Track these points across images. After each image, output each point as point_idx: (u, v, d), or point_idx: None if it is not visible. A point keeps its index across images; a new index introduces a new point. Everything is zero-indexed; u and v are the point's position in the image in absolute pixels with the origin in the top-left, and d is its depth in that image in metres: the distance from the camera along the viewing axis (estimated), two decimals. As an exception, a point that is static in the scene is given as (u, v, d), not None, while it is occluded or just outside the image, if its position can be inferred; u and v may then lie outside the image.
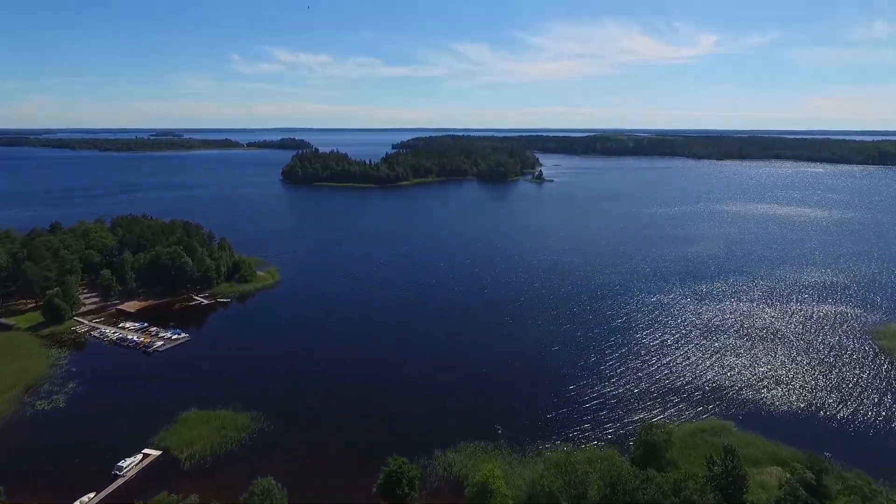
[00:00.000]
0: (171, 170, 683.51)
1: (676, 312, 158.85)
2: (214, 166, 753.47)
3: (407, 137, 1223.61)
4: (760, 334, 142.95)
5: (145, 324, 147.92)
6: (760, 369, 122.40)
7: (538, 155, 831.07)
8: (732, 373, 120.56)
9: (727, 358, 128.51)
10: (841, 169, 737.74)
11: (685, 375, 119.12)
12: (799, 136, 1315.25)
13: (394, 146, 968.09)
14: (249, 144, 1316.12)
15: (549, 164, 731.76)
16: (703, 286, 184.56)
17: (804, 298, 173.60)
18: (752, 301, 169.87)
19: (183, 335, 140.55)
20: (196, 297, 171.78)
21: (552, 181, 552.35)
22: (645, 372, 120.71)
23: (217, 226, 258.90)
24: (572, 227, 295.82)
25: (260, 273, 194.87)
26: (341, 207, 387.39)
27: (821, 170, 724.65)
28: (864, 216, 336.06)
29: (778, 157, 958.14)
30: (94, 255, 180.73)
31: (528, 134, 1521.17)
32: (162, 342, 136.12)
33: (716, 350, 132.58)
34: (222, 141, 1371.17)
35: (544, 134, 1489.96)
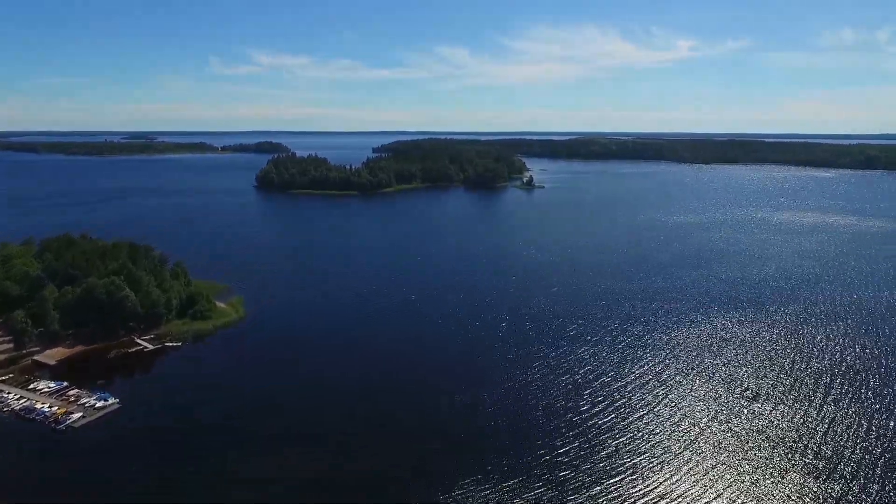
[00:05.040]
0: (135, 175, 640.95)
1: (737, 351, 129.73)
2: (184, 171, 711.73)
3: (388, 140, 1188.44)
4: (867, 385, 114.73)
5: (65, 383, 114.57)
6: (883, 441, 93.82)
7: (523, 159, 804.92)
8: (850, 446, 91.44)
9: (836, 423, 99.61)
10: (836, 173, 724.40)
11: (784, 455, 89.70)
12: (777, 140, 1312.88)
13: (374, 149, 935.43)
14: (224, 148, 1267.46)
15: (536, 169, 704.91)
16: (759, 314, 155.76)
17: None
18: (831, 328, 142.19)
19: (111, 401, 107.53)
20: (139, 341, 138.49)
21: (542, 187, 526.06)
22: (721, 450, 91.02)
23: (173, 244, 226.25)
24: (581, 239, 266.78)
25: (221, 305, 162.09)
26: (320, 218, 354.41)
27: (825, 174, 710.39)
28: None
29: (763, 160, 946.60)
30: (13, 287, 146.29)
31: (512, 137, 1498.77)
32: (81, 413, 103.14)
33: (817, 406, 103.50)
34: (196, 144, 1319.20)
35: (528, 137, 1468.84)
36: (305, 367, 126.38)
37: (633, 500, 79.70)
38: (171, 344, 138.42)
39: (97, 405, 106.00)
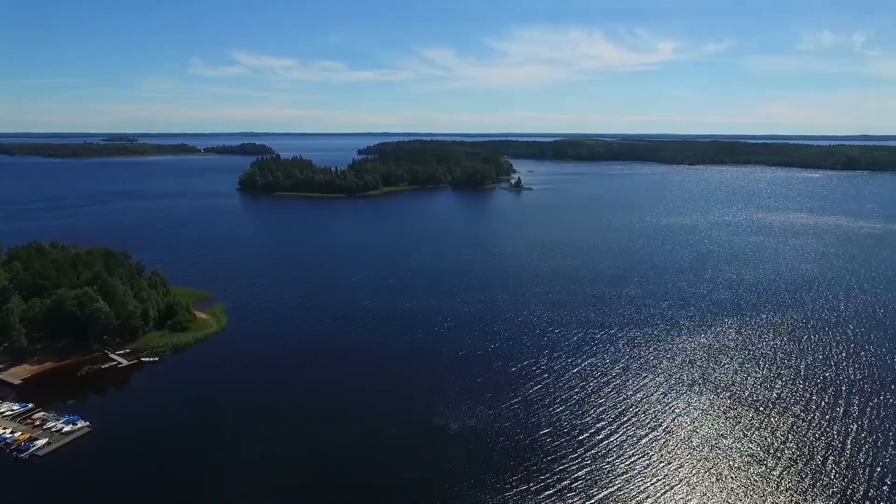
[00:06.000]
0: (114, 179, 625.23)
1: (742, 359, 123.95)
2: (165, 174, 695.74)
3: (373, 142, 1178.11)
4: None
5: (30, 405, 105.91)
6: None
7: (510, 160, 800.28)
8: (873, 462, 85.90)
9: None
10: (821, 175, 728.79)
11: (808, 476, 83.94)
12: (760, 141, 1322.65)
13: (360, 151, 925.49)
14: (207, 150, 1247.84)
15: (524, 171, 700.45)
16: (760, 320, 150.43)
17: None
18: (836, 333, 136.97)
19: (81, 424, 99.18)
20: (113, 356, 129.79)
21: (531, 189, 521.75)
22: (741, 473, 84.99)
23: (153, 250, 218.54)
24: (574, 242, 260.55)
25: (201, 315, 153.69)
26: (306, 222, 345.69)
27: (811, 175, 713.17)
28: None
29: (748, 162, 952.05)
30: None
31: (498, 139, 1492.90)
32: (47, 439, 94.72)
33: (834, 419, 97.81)
34: (178, 146, 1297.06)
35: (514, 139, 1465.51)
36: (292, 379, 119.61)
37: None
38: (147, 359, 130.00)
39: (65, 429, 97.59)
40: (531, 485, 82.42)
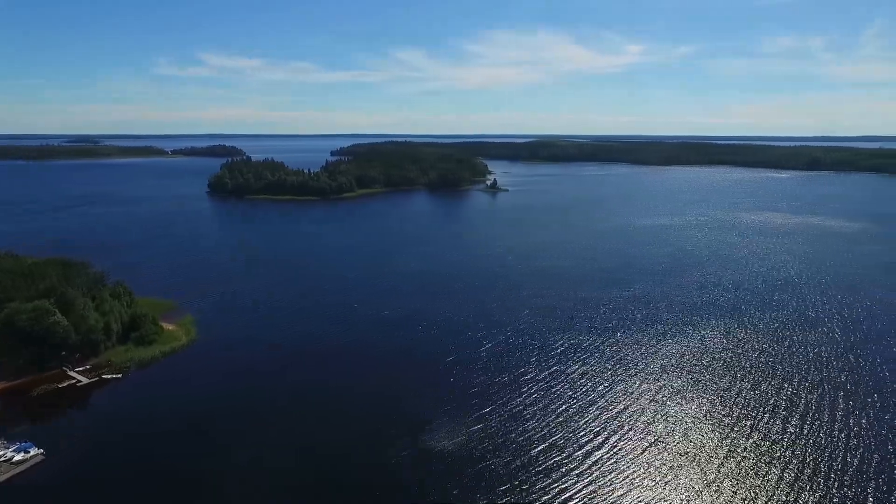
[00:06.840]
0: (77, 182, 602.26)
1: (729, 363, 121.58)
2: (131, 177, 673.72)
3: (346, 143, 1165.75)
4: None
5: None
6: None
7: (485, 161, 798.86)
8: (873, 467, 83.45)
9: None
10: (789, 175, 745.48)
11: (818, 488, 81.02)
12: (729, 142, 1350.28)
13: (333, 153, 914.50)
14: (175, 151, 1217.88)
15: (499, 172, 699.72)
16: (745, 322, 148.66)
17: None
18: (821, 335, 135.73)
19: (34, 452, 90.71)
20: (71, 374, 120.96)
21: (507, 190, 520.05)
22: (747, 488, 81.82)
23: (115, 258, 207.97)
24: (555, 245, 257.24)
25: (168, 327, 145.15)
26: (279, 225, 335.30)
27: (779, 175, 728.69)
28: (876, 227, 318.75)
29: (718, 162, 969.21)
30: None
31: (471, 140, 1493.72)
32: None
33: (832, 423, 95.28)
34: (144, 148, 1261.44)
35: (487, 140, 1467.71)
36: (265, 395, 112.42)
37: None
38: (109, 376, 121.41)
39: (15, 458, 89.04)
40: (527, 489, 77.72)
